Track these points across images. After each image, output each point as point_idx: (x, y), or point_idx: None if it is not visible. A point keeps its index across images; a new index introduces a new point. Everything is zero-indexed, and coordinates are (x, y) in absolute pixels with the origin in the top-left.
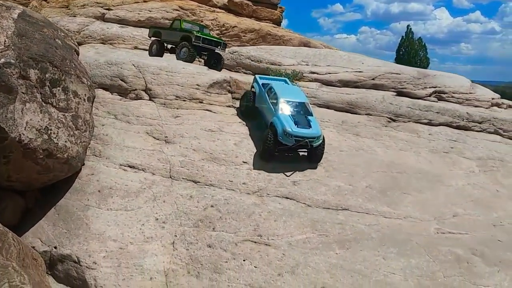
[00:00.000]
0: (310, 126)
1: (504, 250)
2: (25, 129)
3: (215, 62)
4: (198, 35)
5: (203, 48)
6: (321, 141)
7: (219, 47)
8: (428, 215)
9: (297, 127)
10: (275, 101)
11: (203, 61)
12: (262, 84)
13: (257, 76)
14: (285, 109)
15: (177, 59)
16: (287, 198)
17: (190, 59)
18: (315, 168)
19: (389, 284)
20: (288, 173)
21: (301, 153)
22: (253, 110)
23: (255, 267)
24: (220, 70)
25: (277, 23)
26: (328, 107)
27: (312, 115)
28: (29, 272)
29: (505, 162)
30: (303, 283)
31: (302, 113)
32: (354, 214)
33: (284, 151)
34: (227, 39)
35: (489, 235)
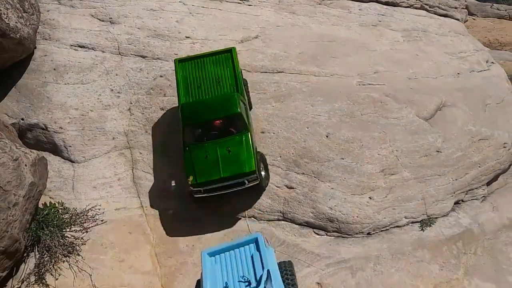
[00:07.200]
0: None
1: (413, 93)
2: None
3: None
4: None
5: None
6: None
7: None
8: (352, 72)
9: None
10: None
11: None
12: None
13: (203, 252)
14: None
15: None
16: None
17: None
18: None
19: (316, 123)
20: None
21: None
22: None
23: None
24: None
25: None
26: None
27: None
28: (3, 132)
29: (428, 32)
30: None
31: None
32: (288, 75)
33: None
34: None
35: (403, 85)
